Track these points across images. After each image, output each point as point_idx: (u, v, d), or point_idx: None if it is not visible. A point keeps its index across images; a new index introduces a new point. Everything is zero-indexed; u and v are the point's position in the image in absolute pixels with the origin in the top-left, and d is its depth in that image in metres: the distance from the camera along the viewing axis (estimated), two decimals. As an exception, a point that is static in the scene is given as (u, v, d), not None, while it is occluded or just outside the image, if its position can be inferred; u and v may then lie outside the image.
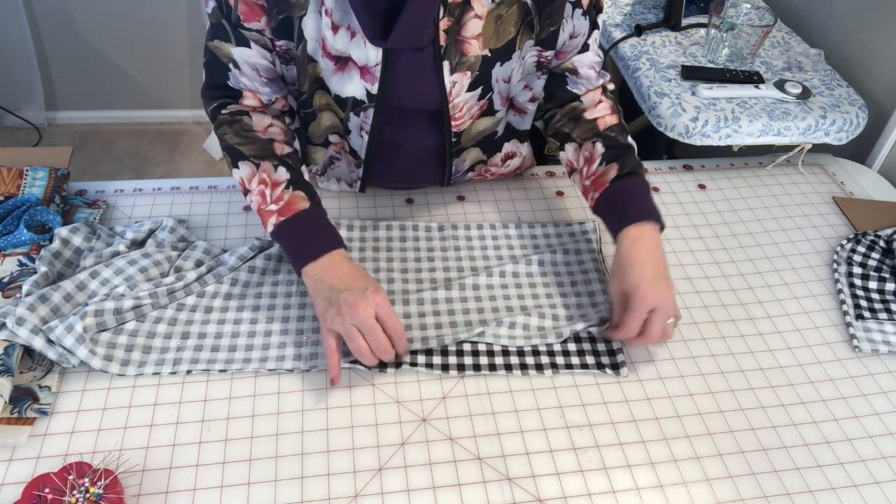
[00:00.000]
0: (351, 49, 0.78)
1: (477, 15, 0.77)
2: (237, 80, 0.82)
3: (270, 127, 0.84)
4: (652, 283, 0.75)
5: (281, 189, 0.79)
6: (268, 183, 0.79)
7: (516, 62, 0.83)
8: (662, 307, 0.75)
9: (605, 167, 0.85)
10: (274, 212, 0.78)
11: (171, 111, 2.49)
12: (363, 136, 0.87)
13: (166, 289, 0.79)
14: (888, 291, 0.90)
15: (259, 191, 0.80)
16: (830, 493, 0.69)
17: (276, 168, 0.80)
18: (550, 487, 0.68)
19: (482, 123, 0.89)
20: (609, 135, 0.87)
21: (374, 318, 0.71)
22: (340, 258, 0.77)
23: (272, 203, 0.79)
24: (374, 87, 0.80)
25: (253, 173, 0.80)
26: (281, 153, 0.82)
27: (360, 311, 0.71)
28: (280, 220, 0.78)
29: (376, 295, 0.72)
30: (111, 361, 0.73)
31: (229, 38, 0.79)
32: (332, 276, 0.75)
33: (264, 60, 0.81)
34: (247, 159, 0.81)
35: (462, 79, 0.81)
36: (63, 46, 2.27)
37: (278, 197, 0.79)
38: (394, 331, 0.72)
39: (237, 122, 0.82)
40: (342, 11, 0.75)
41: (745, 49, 1.18)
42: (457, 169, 0.95)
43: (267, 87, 0.84)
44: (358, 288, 0.73)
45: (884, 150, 1.16)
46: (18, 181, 0.90)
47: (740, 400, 0.77)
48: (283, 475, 0.67)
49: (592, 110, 0.89)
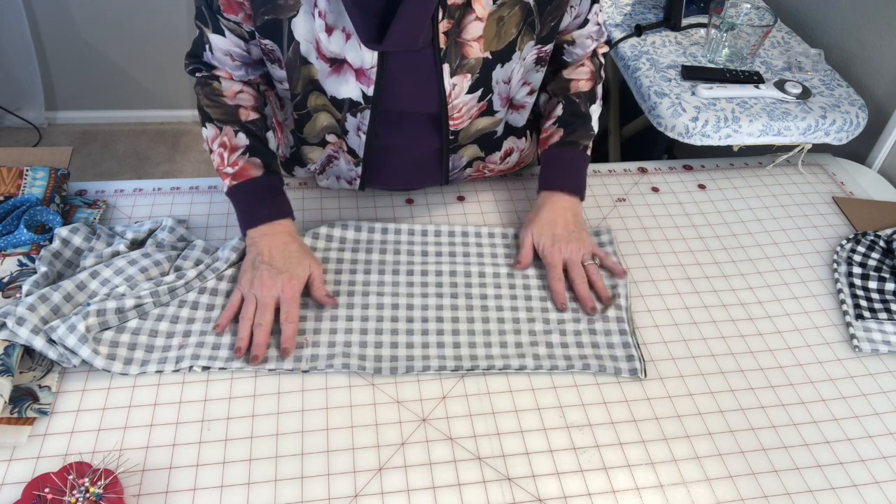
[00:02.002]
0: (346, 51, 0.77)
1: (478, 17, 0.76)
2: (210, 59, 0.86)
3: (240, 93, 0.87)
4: (552, 243, 0.86)
5: (237, 154, 0.84)
6: (227, 146, 0.85)
7: (517, 63, 0.83)
8: (571, 258, 0.85)
9: (554, 129, 0.92)
10: (229, 175, 0.84)
11: (171, 111, 2.49)
12: (360, 136, 0.87)
13: (167, 287, 0.79)
14: (888, 291, 0.90)
15: (219, 153, 0.85)
16: (830, 493, 0.69)
17: (236, 133, 0.85)
18: (550, 487, 0.68)
19: (481, 122, 0.89)
20: (573, 100, 0.92)
21: (274, 298, 0.78)
22: (282, 228, 0.83)
23: (228, 166, 0.84)
24: (370, 90, 0.80)
25: (216, 135, 0.86)
26: (245, 119, 0.86)
27: (266, 289, 0.78)
28: (232, 183, 0.84)
29: (290, 281, 0.78)
30: (114, 361, 0.73)
31: (207, 23, 0.82)
32: (266, 244, 0.81)
33: (238, 48, 0.84)
34: (212, 121, 0.86)
35: (462, 81, 0.81)
36: (63, 46, 2.27)
37: (234, 162, 0.84)
38: (284, 317, 0.77)
39: (208, 85, 0.87)
40: (336, 13, 0.75)
41: (745, 49, 1.18)
42: (454, 165, 0.95)
43: (240, 70, 0.87)
44: (278, 267, 0.79)
45: (884, 150, 1.16)
46: (18, 181, 0.90)
47: (740, 400, 0.77)
48: (283, 475, 0.67)
49: (572, 70, 0.94)
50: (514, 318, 0.83)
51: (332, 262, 0.88)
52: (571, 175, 0.91)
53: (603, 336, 0.81)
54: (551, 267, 0.86)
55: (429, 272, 0.88)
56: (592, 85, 0.94)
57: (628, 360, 0.79)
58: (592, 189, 1.05)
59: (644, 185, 1.07)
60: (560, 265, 0.86)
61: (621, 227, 0.98)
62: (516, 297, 0.85)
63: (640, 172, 1.10)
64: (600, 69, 0.95)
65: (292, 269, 0.80)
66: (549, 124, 0.93)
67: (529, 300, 0.85)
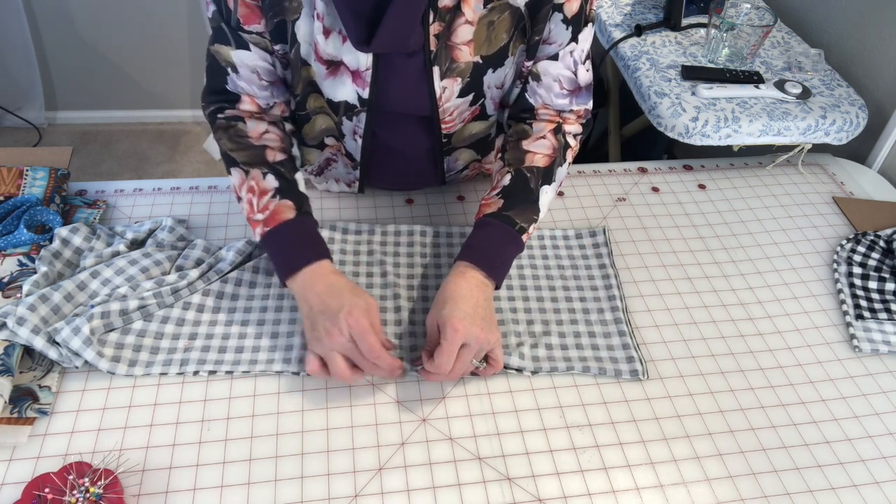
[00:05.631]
0: (342, 53, 0.77)
1: (468, 21, 0.75)
2: (235, 85, 0.81)
3: (266, 133, 0.82)
4: (466, 318, 0.71)
5: (268, 198, 0.77)
6: (255, 191, 0.78)
7: (510, 68, 0.82)
8: (473, 343, 0.70)
9: (496, 199, 0.81)
10: (259, 221, 0.77)
11: (171, 111, 2.49)
12: (357, 140, 0.87)
13: (170, 288, 0.79)
14: (888, 291, 0.90)
15: (248, 199, 0.79)
16: (830, 493, 0.69)
17: (265, 176, 0.79)
18: (550, 487, 0.68)
19: (474, 127, 0.88)
20: (524, 174, 0.81)
21: (348, 341, 0.69)
22: (322, 271, 0.75)
23: (258, 212, 0.77)
24: (366, 92, 0.79)
25: (242, 181, 0.79)
26: (273, 160, 0.80)
27: (335, 339, 0.69)
28: (265, 230, 0.77)
29: (349, 317, 0.69)
30: (118, 363, 0.73)
31: (229, 41, 0.78)
32: (311, 293, 0.73)
33: (264, 63, 0.80)
34: (238, 166, 0.80)
35: (452, 85, 0.80)
36: (63, 46, 2.27)
37: (264, 206, 0.77)
38: (368, 351, 0.69)
39: (232, 127, 0.82)
40: (333, 16, 0.74)
41: (745, 49, 1.18)
42: (450, 167, 0.95)
43: (265, 91, 0.82)
44: (333, 310, 0.71)
45: (884, 150, 1.16)
46: (18, 181, 0.90)
47: (740, 400, 0.77)
48: (283, 475, 0.67)
49: (531, 142, 0.84)
50: (514, 320, 0.83)
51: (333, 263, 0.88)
52: (493, 255, 0.78)
53: (602, 338, 0.81)
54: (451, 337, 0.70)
55: (428, 275, 0.88)
56: (549, 162, 0.82)
57: (629, 361, 0.79)
58: (592, 189, 1.05)
59: (644, 185, 1.07)
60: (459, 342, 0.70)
61: (621, 227, 0.98)
62: (514, 300, 0.85)
63: (640, 172, 1.10)
64: (565, 151, 0.85)
65: (347, 302, 0.71)
66: (493, 194, 0.82)
67: (527, 301, 0.85)
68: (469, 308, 0.72)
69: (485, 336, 0.71)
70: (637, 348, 0.80)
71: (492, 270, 0.77)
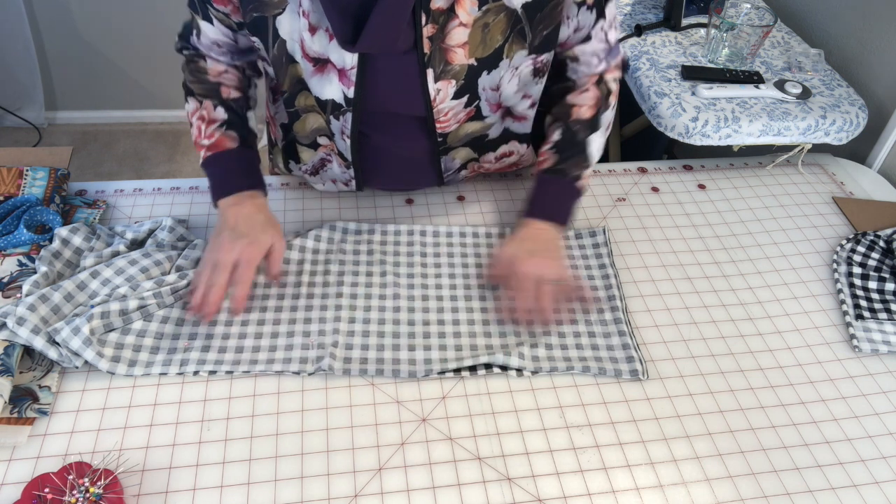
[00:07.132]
0: (329, 51, 0.77)
1: (462, 23, 0.75)
2: (197, 44, 0.87)
3: (224, 73, 0.89)
4: (528, 257, 0.81)
5: (214, 127, 0.85)
6: (205, 119, 0.86)
7: (505, 71, 0.81)
8: (547, 275, 0.80)
9: (549, 154, 0.88)
10: (204, 146, 0.85)
11: (171, 111, 2.49)
12: (345, 140, 0.87)
13: (170, 288, 0.79)
14: (888, 291, 0.90)
15: (197, 125, 0.86)
16: (830, 493, 0.69)
17: (215, 107, 0.86)
18: (550, 487, 0.68)
19: (470, 127, 0.88)
20: (571, 127, 0.88)
21: (231, 262, 0.77)
22: (252, 200, 0.83)
23: (204, 138, 0.85)
24: (351, 91, 0.79)
25: (196, 109, 0.87)
26: (226, 96, 0.87)
27: (224, 252, 0.78)
28: (207, 154, 0.85)
29: (249, 246, 0.78)
30: (118, 363, 0.73)
31: (197, 10, 0.83)
32: (233, 213, 0.82)
33: (225, 38, 0.85)
34: (194, 95, 0.87)
35: (447, 87, 0.79)
36: (63, 46, 2.27)
37: (210, 134, 0.85)
38: (238, 277, 0.78)
39: (194, 62, 0.89)
40: (319, 13, 0.74)
41: (745, 49, 1.18)
42: (447, 167, 0.94)
43: (224, 57, 0.88)
44: (240, 233, 0.79)
45: (884, 150, 1.16)
46: (18, 181, 0.90)
47: (740, 400, 0.77)
48: (283, 475, 0.67)
49: (575, 95, 0.90)
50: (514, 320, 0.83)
51: (333, 263, 0.88)
52: (554, 205, 0.87)
53: (602, 338, 0.81)
54: (522, 278, 0.81)
55: (428, 274, 0.87)
56: (594, 113, 0.88)
57: (628, 361, 0.79)
58: (592, 189, 1.05)
59: (644, 185, 1.07)
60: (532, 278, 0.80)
61: (621, 227, 0.98)
62: None
63: (640, 172, 1.10)
64: (608, 96, 0.90)
65: (254, 235, 0.80)
66: (546, 149, 0.89)
67: None
68: (529, 247, 0.83)
69: (551, 265, 0.81)
70: (637, 348, 0.80)
71: (557, 219, 0.86)
